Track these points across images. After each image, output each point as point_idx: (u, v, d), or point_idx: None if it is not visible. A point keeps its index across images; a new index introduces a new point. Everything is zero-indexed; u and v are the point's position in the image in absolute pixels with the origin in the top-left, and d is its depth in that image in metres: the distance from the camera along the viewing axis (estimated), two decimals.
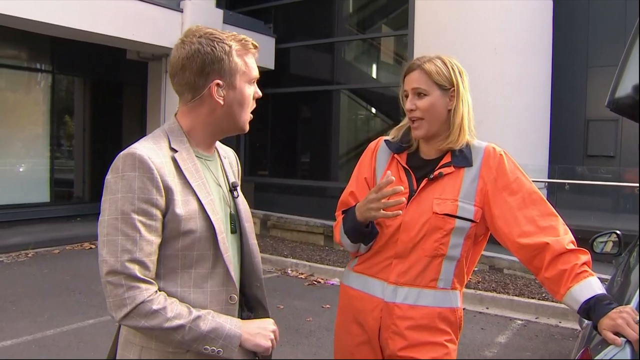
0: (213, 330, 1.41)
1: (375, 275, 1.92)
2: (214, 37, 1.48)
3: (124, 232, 1.35)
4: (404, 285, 1.86)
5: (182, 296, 1.43)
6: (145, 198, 1.36)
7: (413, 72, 1.89)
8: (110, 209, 1.37)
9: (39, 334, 4.70)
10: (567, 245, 1.71)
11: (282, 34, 11.34)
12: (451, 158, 1.89)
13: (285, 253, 8.28)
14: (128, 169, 1.37)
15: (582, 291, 1.64)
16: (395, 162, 1.97)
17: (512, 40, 8.41)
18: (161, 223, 1.39)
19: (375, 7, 11.26)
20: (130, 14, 8.48)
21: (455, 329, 1.90)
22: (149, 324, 1.35)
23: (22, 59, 10.29)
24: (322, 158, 11.23)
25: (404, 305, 1.85)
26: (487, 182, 1.85)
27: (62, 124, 11.21)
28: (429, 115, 1.86)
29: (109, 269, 1.34)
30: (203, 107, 1.50)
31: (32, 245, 8.08)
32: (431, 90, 1.86)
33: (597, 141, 9.35)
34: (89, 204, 10.63)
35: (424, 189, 1.88)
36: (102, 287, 1.37)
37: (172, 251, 1.42)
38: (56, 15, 7.57)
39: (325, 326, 5.16)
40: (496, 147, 1.92)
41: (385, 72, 11.31)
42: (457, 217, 1.83)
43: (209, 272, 1.46)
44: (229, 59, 1.47)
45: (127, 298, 1.34)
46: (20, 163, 10.20)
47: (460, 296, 1.92)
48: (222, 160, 1.66)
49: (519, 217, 1.79)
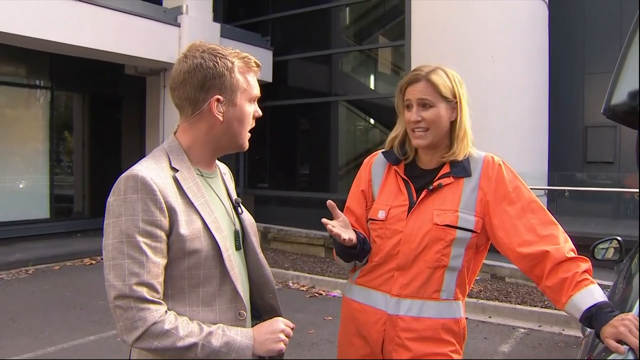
0: (225, 344, 1.40)
1: (377, 288, 1.91)
2: (217, 52, 1.48)
3: (129, 255, 1.34)
4: (406, 297, 1.85)
5: (192, 315, 1.42)
6: (149, 220, 1.36)
7: (418, 83, 1.87)
8: (114, 232, 1.36)
9: (39, 351, 4.67)
10: (567, 254, 1.70)
11: (280, 47, 11.38)
12: (450, 168, 1.88)
13: (286, 265, 8.26)
14: (130, 191, 1.37)
15: (583, 299, 1.64)
16: (394, 173, 1.97)
17: (509, 49, 8.46)
18: (166, 244, 1.39)
19: (372, 18, 11.30)
20: (128, 29, 8.50)
21: (459, 340, 1.89)
22: (162, 345, 1.34)
23: (21, 75, 10.32)
24: (322, 170, 11.23)
25: (408, 318, 1.84)
26: (487, 193, 1.84)
27: (62, 139, 11.22)
28: (435, 127, 1.86)
29: (117, 293, 1.33)
30: (202, 122, 1.50)
31: (32, 261, 8.04)
32: (437, 102, 1.85)
33: (596, 147, 9.37)
34: (89, 220, 10.62)
35: (423, 200, 1.87)
36: (112, 312, 1.36)
37: (178, 271, 1.42)
38: (54, 32, 7.60)
39: (327, 338, 5.13)
40: (495, 156, 1.91)
41: (383, 83, 11.34)
42: (458, 228, 1.82)
43: (216, 290, 1.46)
44: (231, 75, 1.47)
45: (138, 320, 1.33)
46: (20, 179, 10.20)
47: (463, 306, 1.92)
48: (223, 176, 1.67)
49: (518, 227, 1.78)
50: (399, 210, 1.89)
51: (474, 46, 8.41)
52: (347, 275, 2.09)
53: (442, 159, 1.90)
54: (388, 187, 1.97)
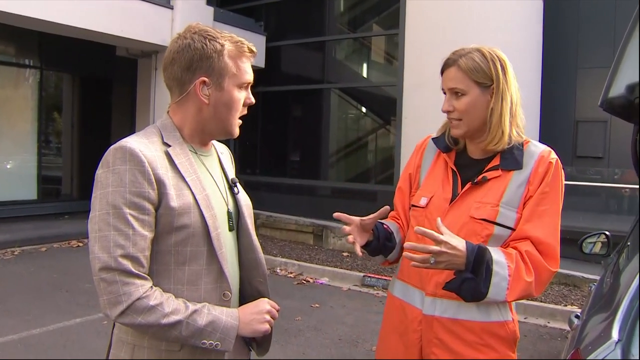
0: (210, 323, 1.39)
1: (415, 285, 1.81)
2: (208, 34, 1.47)
3: (116, 227, 1.32)
4: (442, 297, 1.72)
5: (176, 293, 1.41)
6: (137, 192, 1.34)
7: (449, 70, 1.74)
8: (101, 204, 1.34)
9: (24, 333, 4.65)
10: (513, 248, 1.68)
11: (273, 32, 11.30)
12: (500, 160, 1.74)
13: (274, 252, 8.25)
14: (119, 162, 1.35)
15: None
16: (442, 161, 1.86)
17: (505, 39, 8.42)
18: (154, 217, 1.37)
19: (366, 6, 11.24)
20: (120, 10, 8.39)
21: (509, 344, 1.73)
22: (146, 321, 1.33)
23: (10, 54, 10.17)
24: (312, 157, 11.21)
25: (444, 319, 1.73)
26: (532, 189, 1.70)
27: (51, 120, 11.11)
28: (468, 116, 1.73)
29: (102, 265, 1.31)
30: (190, 104, 1.48)
31: (19, 243, 7.99)
32: (469, 89, 1.71)
33: (586, 142, 9.40)
34: (77, 202, 10.53)
35: (466, 192, 1.75)
36: (95, 285, 1.33)
37: (165, 247, 1.40)
38: (44, 11, 7.48)
39: (314, 325, 5.14)
40: (552, 153, 1.76)
41: (376, 71, 11.31)
42: (496, 224, 1.69)
43: (203, 268, 1.44)
44: (219, 58, 1.45)
45: (123, 295, 1.31)
46: (8, 160, 10.11)
47: (510, 307, 1.76)
48: (220, 156, 1.64)
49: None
50: (441, 200, 1.78)
51: (469, 37, 8.37)
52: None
53: (484, 148, 1.76)
54: (435, 174, 1.86)
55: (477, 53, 1.72)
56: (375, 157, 10.87)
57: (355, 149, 11.14)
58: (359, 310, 5.73)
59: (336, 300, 6.14)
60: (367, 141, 10.98)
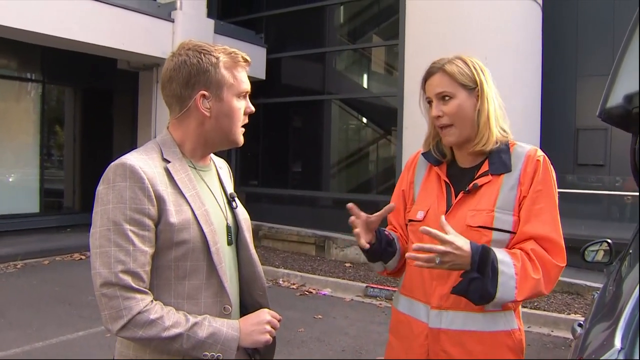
0: (211, 335, 1.40)
1: (419, 299, 1.79)
2: (202, 49, 1.49)
3: (116, 242, 1.34)
4: (448, 309, 1.71)
5: (176, 307, 1.42)
6: (137, 208, 1.36)
7: (433, 77, 1.77)
8: (102, 220, 1.36)
9: (27, 346, 4.64)
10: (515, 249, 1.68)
11: (273, 44, 11.35)
12: (489, 166, 1.76)
13: (277, 263, 8.24)
14: (119, 179, 1.37)
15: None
16: (435, 174, 1.87)
17: (503, 49, 8.46)
18: (154, 233, 1.39)
19: (366, 17, 11.29)
20: (121, 24, 8.45)
21: (516, 354, 1.73)
22: (147, 335, 1.34)
23: (12, 68, 10.23)
24: (314, 168, 11.22)
25: (451, 331, 1.71)
26: (524, 189, 1.71)
27: (53, 133, 11.15)
28: (458, 120, 1.74)
29: (103, 280, 1.33)
30: (191, 119, 1.50)
31: (21, 256, 7.99)
32: (456, 92, 1.74)
33: (587, 150, 9.41)
34: (79, 215, 10.54)
35: (460, 202, 1.75)
36: (97, 300, 1.35)
37: (165, 262, 1.41)
38: (47, 25, 7.53)
39: (317, 337, 5.13)
40: (538, 151, 1.78)
41: (376, 82, 11.34)
42: (494, 229, 1.69)
43: (202, 283, 1.45)
44: (215, 71, 1.47)
45: (124, 309, 1.32)
46: (10, 173, 10.12)
47: (517, 315, 1.78)
48: (219, 170, 1.66)
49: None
50: (437, 213, 1.77)
51: (468, 47, 8.41)
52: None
53: (472, 151, 1.78)
54: (429, 188, 1.87)
55: (458, 60, 1.78)
56: (377, 167, 10.88)
57: (357, 160, 11.14)
58: (361, 321, 5.71)
59: (339, 311, 6.13)
60: (368, 151, 10.99)
